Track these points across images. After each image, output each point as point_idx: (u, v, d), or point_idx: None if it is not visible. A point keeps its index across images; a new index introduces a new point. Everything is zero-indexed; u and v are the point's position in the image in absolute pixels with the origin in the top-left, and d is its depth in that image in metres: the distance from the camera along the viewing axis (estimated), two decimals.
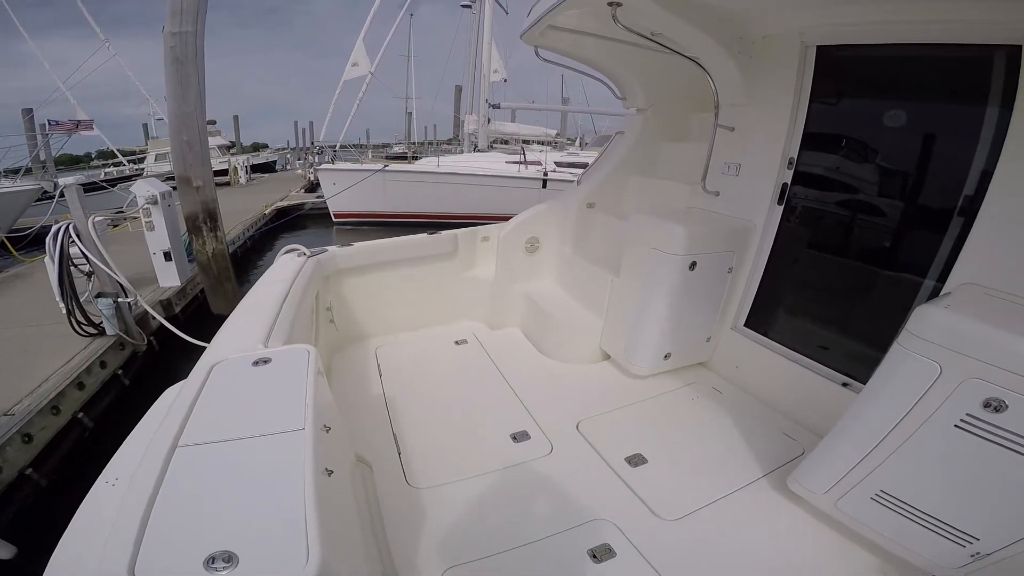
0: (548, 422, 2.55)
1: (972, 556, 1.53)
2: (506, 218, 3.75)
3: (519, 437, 2.43)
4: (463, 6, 22.32)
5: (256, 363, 1.50)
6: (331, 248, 3.21)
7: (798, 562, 1.80)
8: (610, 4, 2.18)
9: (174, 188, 6.40)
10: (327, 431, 1.34)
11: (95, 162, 32.44)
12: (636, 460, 2.27)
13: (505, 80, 20.14)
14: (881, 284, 2.49)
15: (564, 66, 3.27)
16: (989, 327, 1.41)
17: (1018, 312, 1.60)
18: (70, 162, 38.65)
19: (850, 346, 2.59)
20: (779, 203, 2.71)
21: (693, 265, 2.62)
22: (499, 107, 17.40)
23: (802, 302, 2.86)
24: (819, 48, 2.46)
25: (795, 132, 2.60)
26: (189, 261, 6.96)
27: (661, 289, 2.67)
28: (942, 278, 2.05)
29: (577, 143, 25.89)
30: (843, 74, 2.49)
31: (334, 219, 14.08)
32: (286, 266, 2.78)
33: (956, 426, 1.44)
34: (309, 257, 2.98)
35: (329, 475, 1.20)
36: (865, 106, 2.53)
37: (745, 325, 2.96)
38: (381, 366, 3.10)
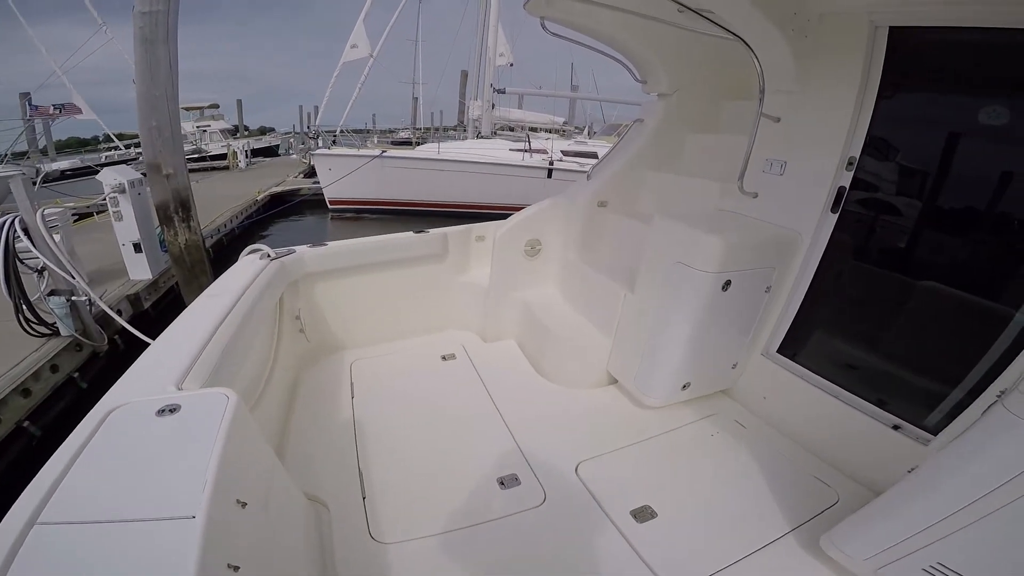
0: (542, 463, 2.21)
1: None
2: (508, 209, 3.33)
3: (507, 482, 2.09)
4: None
5: (161, 412, 1.26)
6: (299, 249, 2.82)
7: None
8: None
9: (145, 175, 6.09)
10: (243, 507, 1.14)
11: (101, 146, 32.47)
12: (643, 514, 1.96)
13: (511, 65, 19.65)
14: (953, 315, 2.10)
15: (575, 42, 2.78)
16: None
17: None
18: (78, 145, 38.85)
19: (906, 384, 2.21)
20: (833, 210, 2.30)
21: (727, 285, 2.21)
22: (504, 92, 16.96)
23: (851, 329, 2.46)
24: (892, 30, 2.05)
25: (859, 128, 2.19)
26: (163, 252, 6.65)
27: (685, 311, 2.28)
28: None
29: (585, 132, 25.40)
30: (923, 63, 2.08)
31: (330, 206, 13.78)
32: (242, 271, 2.41)
33: None
34: (272, 259, 2.61)
35: (235, 572, 1.01)
36: (949, 102, 2.11)
37: (778, 351, 2.57)
38: (354, 384, 2.73)
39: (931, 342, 2.19)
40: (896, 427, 2.10)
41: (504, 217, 3.32)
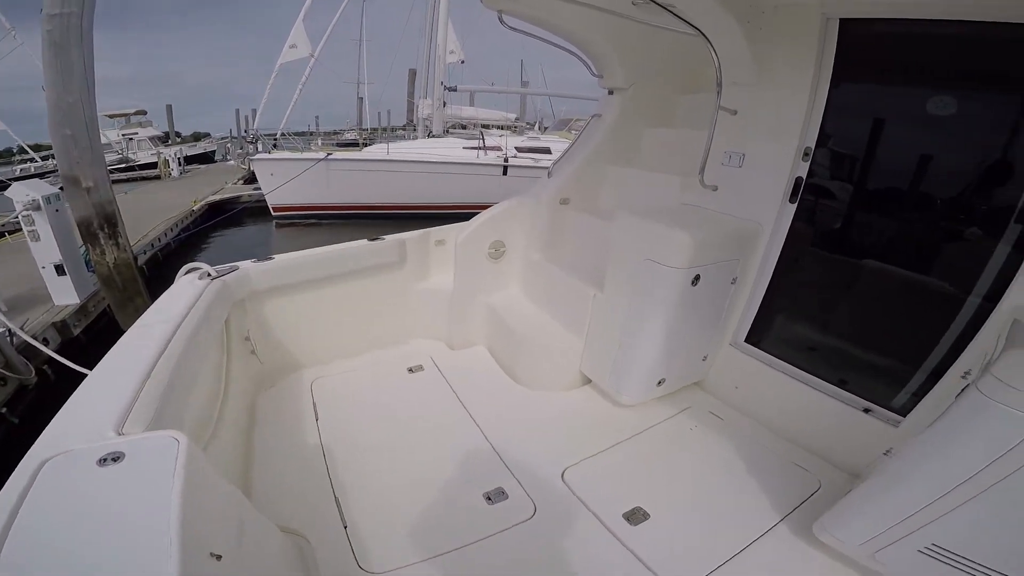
0: (527, 473, 2.16)
1: None
2: (464, 208, 3.21)
3: (494, 496, 2.03)
4: None
5: (103, 461, 1.13)
6: (243, 265, 2.60)
7: None
8: None
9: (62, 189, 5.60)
10: (218, 559, 1.05)
11: (15, 158, 30.04)
12: (636, 516, 1.96)
13: (463, 62, 19.52)
14: (913, 298, 2.20)
15: (533, 36, 2.73)
16: None
17: None
18: None
19: (872, 368, 2.30)
20: (792, 201, 2.36)
21: (696, 279, 2.23)
22: (456, 90, 16.81)
23: (814, 316, 2.55)
24: (843, 22, 2.10)
25: (813, 119, 2.25)
26: (90, 273, 6.15)
27: (657, 308, 2.28)
28: (991, 296, 1.81)
29: (536, 127, 25.52)
30: (872, 54, 2.15)
31: (273, 213, 13.22)
32: (181, 293, 2.20)
33: None
34: (214, 278, 2.39)
35: None
36: (900, 92, 2.18)
37: (746, 341, 2.64)
38: (317, 405, 2.58)
39: (892, 325, 2.28)
40: (867, 410, 2.17)
41: (461, 217, 3.22)
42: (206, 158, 29.75)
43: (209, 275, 2.39)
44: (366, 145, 15.62)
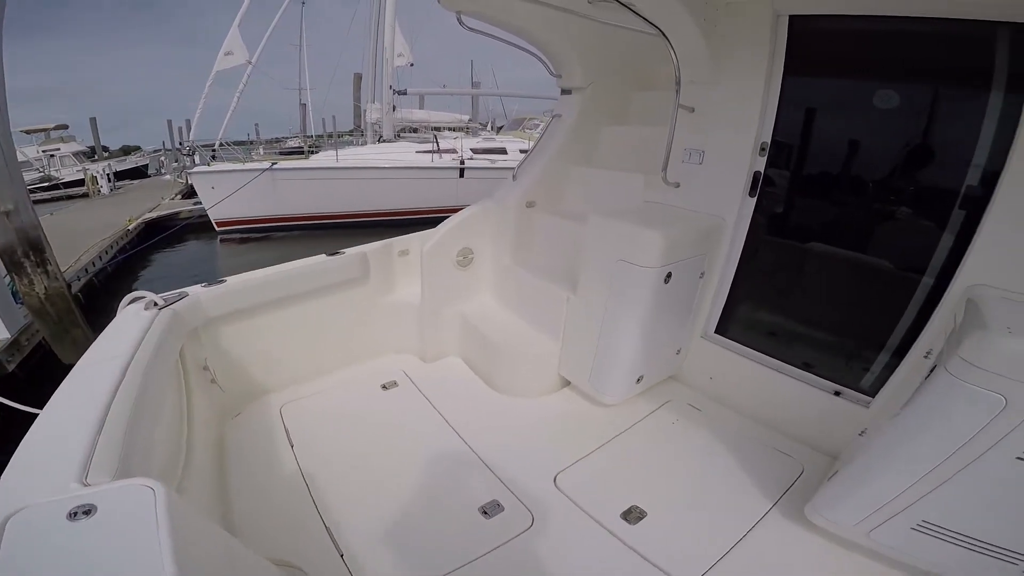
0: (520, 482, 2.14)
1: None
2: (422, 213, 3.13)
3: (490, 510, 2.00)
4: None
5: (73, 515, 1.04)
6: (193, 291, 2.44)
7: None
8: None
9: None
10: None
11: None
12: (634, 515, 1.99)
13: (412, 65, 19.27)
14: (870, 283, 2.33)
15: (492, 36, 2.74)
16: None
17: None
18: None
19: (838, 351, 2.43)
20: (751, 195, 2.45)
21: (668, 277, 2.28)
22: (406, 93, 16.59)
23: (780, 304, 2.67)
24: (792, 18, 2.19)
25: (768, 114, 2.33)
26: (18, 305, 5.67)
27: (632, 307, 2.32)
28: (942, 277, 1.95)
29: (489, 127, 25.50)
30: (821, 49, 2.25)
31: (217, 228, 12.63)
32: (127, 326, 2.03)
33: (1020, 458, 1.37)
34: (162, 307, 2.22)
35: None
36: (848, 86, 2.29)
37: (716, 332, 2.73)
38: (290, 430, 2.47)
39: (854, 310, 2.40)
40: (837, 393, 2.28)
41: (419, 223, 3.15)
42: (138, 173, 28.21)
43: (156, 304, 2.23)
44: (312, 152, 15.16)
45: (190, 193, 15.73)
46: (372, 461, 2.29)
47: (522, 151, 14.28)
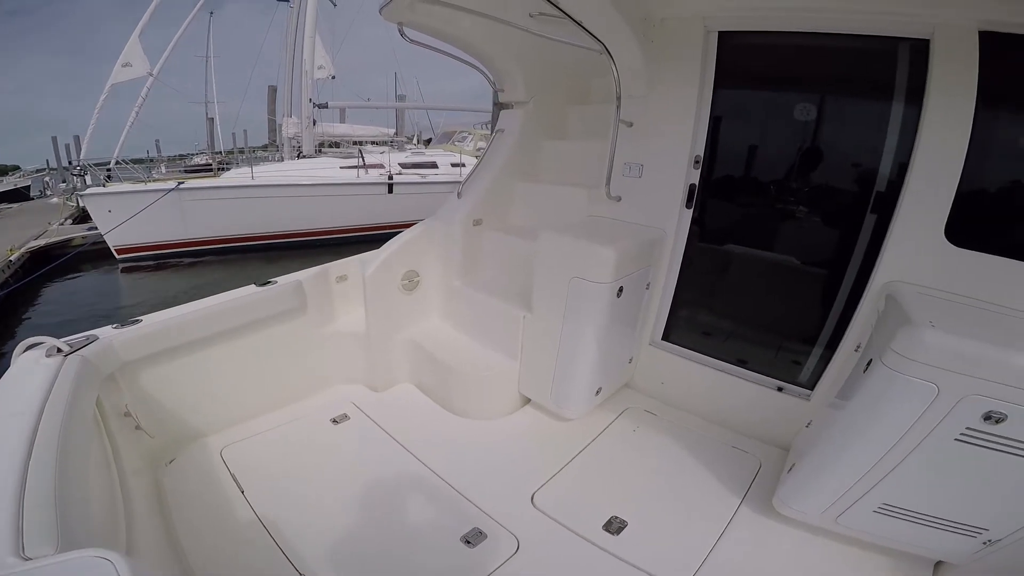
0: (498, 507, 2.13)
1: (984, 544, 1.69)
2: (350, 231, 3.01)
3: (472, 539, 1.97)
4: (279, 0, 20.72)
5: None
6: (103, 333, 2.20)
7: None
8: None
9: None
10: None
11: None
12: (615, 525, 2.05)
13: (333, 77, 18.86)
14: (800, 285, 2.56)
15: (434, 49, 2.73)
16: (982, 344, 1.49)
17: (988, 318, 1.74)
18: None
19: (776, 350, 2.63)
20: (688, 206, 2.61)
21: (620, 291, 2.38)
22: (327, 106, 16.17)
23: (719, 308, 2.87)
24: (721, 34, 2.37)
25: (700, 128, 2.50)
26: None
27: (588, 323, 2.39)
28: (862, 275, 2.18)
29: (415, 140, 25.38)
30: (748, 64, 2.46)
31: (118, 256, 11.60)
32: (28, 378, 1.80)
33: (957, 439, 1.53)
34: (67, 354, 1.98)
35: None
36: (773, 99, 2.53)
37: (663, 339, 2.87)
38: (237, 476, 2.28)
39: (787, 309, 2.64)
40: (780, 388, 2.48)
41: (347, 241, 3.03)
42: (19, 195, 25.43)
43: (60, 350, 1.99)
44: (221, 169, 14.40)
45: (83, 217, 14.34)
46: (337, 501, 2.18)
47: (454, 164, 14.34)
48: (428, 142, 22.39)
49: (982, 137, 1.88)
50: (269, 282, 2.77)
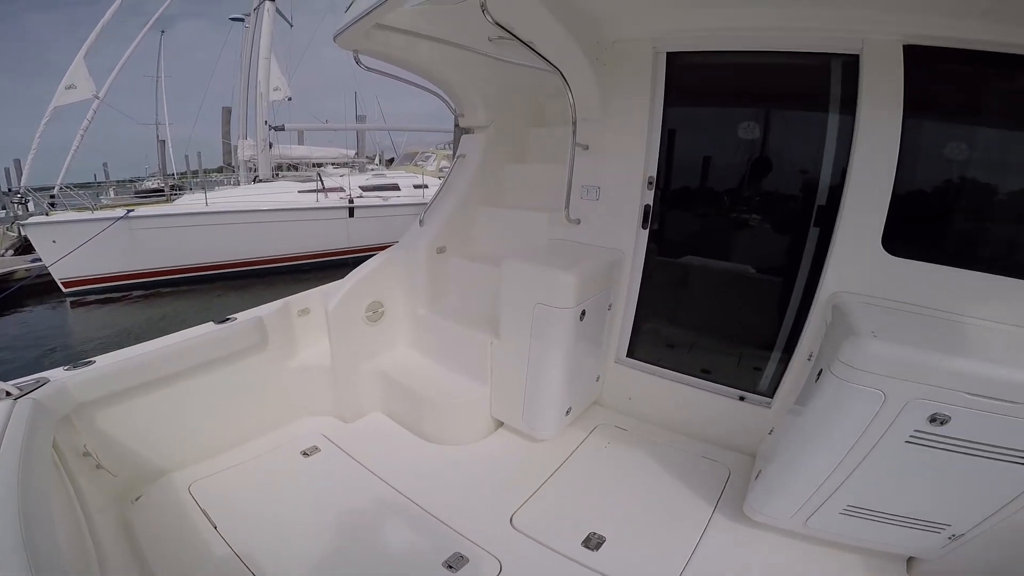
0: (477, 530, 2.15)
1: (949, 538, 1.78)
2: (310, 258, 3.06)
3: (455, 564, 1.98)
4: (234, 19, 20.42)
5: None
6: (55, 375, 2.16)
7: None
8: None
9: None
10: None
11: None
12: (594, 541, 2.09)
13: (289, 99, 18.64)
14: (754, 298, 2.72)
15: (391, 76, 2.78)
16: (923, 351, 1.60)
17: (927, 324, 1.87)
18: None
19: (735, 361, 2.77)
20: (644, 227, 2.73)
21: (583, 314, 2.47)
22: (283, 129, 15.95)
23: (679, 324, 3.00)
24: (669, 55, 2.49)
25: (652, 150, 2.62)
26: None
27: (555, 347, 2.47)
28: (810, 287, 2.32)
29: (377, 160, 25.30)
30: (695, 83, 2.58)
31: (64, 289, 11.17)
32: None
33: (907, 441, 1.63)
34: (17, 397, 1.96)
35: None
36: (719, 117, 2.67)
37: (628, 356, 2.98)
38: (208, 511, 2.26)
39: (742, 323, 2.79)
40: (741, 398, 2.61)
41: (309, 268, 3.07)
42: None
43: (8, 394, 1.95)
44: (175, 194, 14.12)
45: (26, 247, 13.76)
46: (314, 533, 2.18)
47: (416, 186, 14.32)
48: (391, 162, 22.32)
49: (911, 148, 2.01)
50: (228, 319, 2.75)
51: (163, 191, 15.76)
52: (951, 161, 2.09)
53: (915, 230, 2.15)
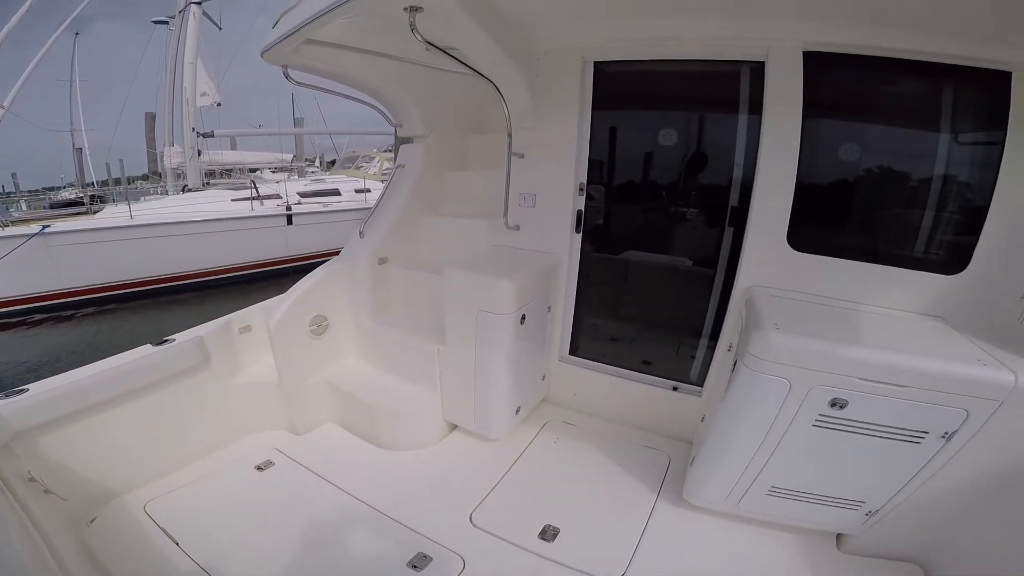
0: (439, 529, 2.25)
1: (867, 514, 1.95)
2: (247, 269, 3.07)
3: (419, 563, 2.07)
4: (157, 22, 19.38)
5: None
6: None
7: (745, 562, 2.10)
8: (408, 9, 1.82)
9: None
10: None
11: None
12: (550, 532, 2.22)
13: (218, 104, 17.87)
14: (679, 294, 2.96)
15: (324, 90, 2.83)
16: (821, 341, 1.77)
17: (828, 314, 2.07)
18: None
19: (666, 354, 3.01)
20: (577, 231, 2.90)
21: (523, 318, 2.61)
22: (212, 135, 15.37)
23: (616, 321, 3.22)
24: (596, 64, 2.64)
25: (582, 158, 2.78)
26: None
27: (499, 350, 2.59)
28: (727, 282, 2.54)
29: (317, 162, 24.74)
30: (620, 92, 2.74)
31: None
32: None
33: (814, 425, 1.79)
34: None
35: None
36: (644, 123, 2.87)
37: (570, 354, 3.16)
38: (168, 529, 2.25)
39: (669, 320, 3.03)
40: (675, 388, 2.82)
41: (246, 280, 3.06)
42: None
43: None
44: (94, 202, 13.43)
45: None
46: (278, 543, 2.20)
47: (358, 191, 14.01)
48: (332, 163, 21.90)
49: (809, 148, 2.20)
50: (166, 340, 2.70)
51: (82, 202, 14.87)
52: (845, 161, 2.28)
53: (815, 226, 2.34)
